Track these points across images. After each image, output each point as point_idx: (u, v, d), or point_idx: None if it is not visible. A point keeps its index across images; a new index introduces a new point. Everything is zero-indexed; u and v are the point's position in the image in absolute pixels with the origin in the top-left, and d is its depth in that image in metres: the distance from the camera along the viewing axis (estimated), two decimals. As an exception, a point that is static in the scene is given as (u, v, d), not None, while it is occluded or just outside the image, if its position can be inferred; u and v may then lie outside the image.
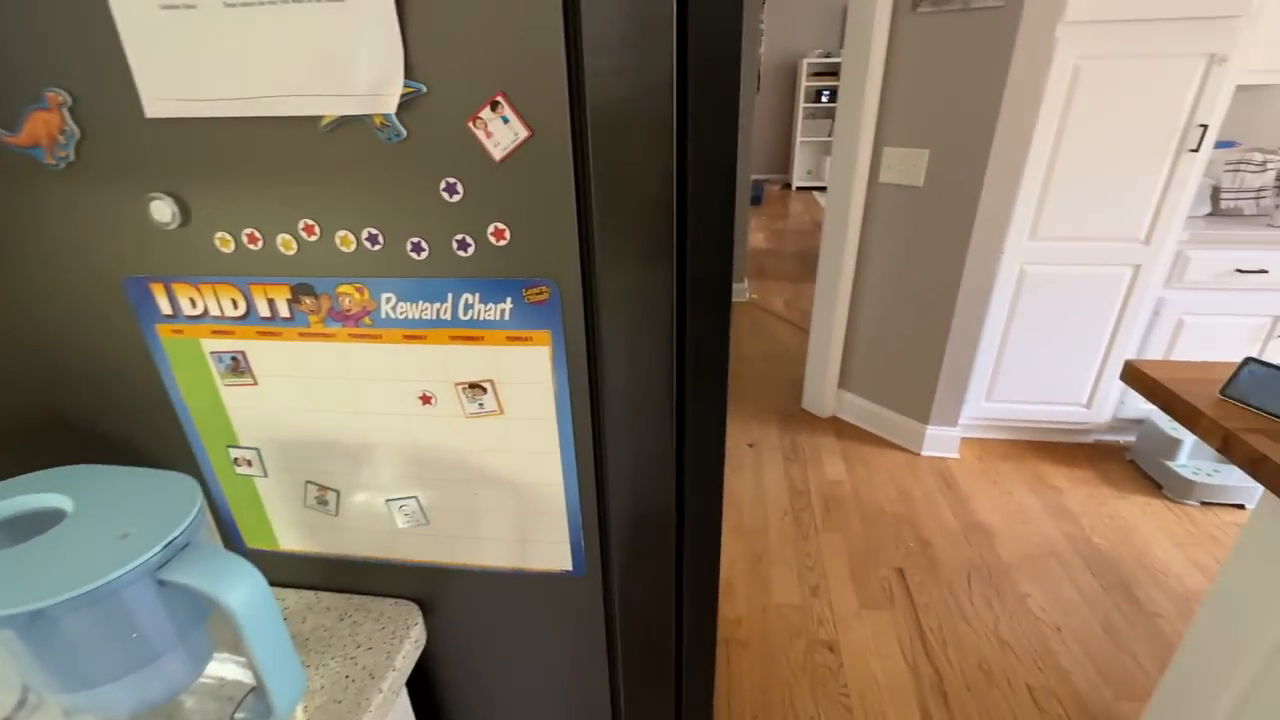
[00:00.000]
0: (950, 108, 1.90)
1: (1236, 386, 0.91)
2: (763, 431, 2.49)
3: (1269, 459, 0.79)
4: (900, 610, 1.65)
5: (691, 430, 0.50)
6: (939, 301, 2.10)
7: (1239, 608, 0.92)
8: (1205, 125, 1.78)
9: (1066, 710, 1.39)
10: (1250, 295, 2.00)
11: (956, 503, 2.05)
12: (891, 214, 2.15)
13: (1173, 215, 1.89)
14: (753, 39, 3.25)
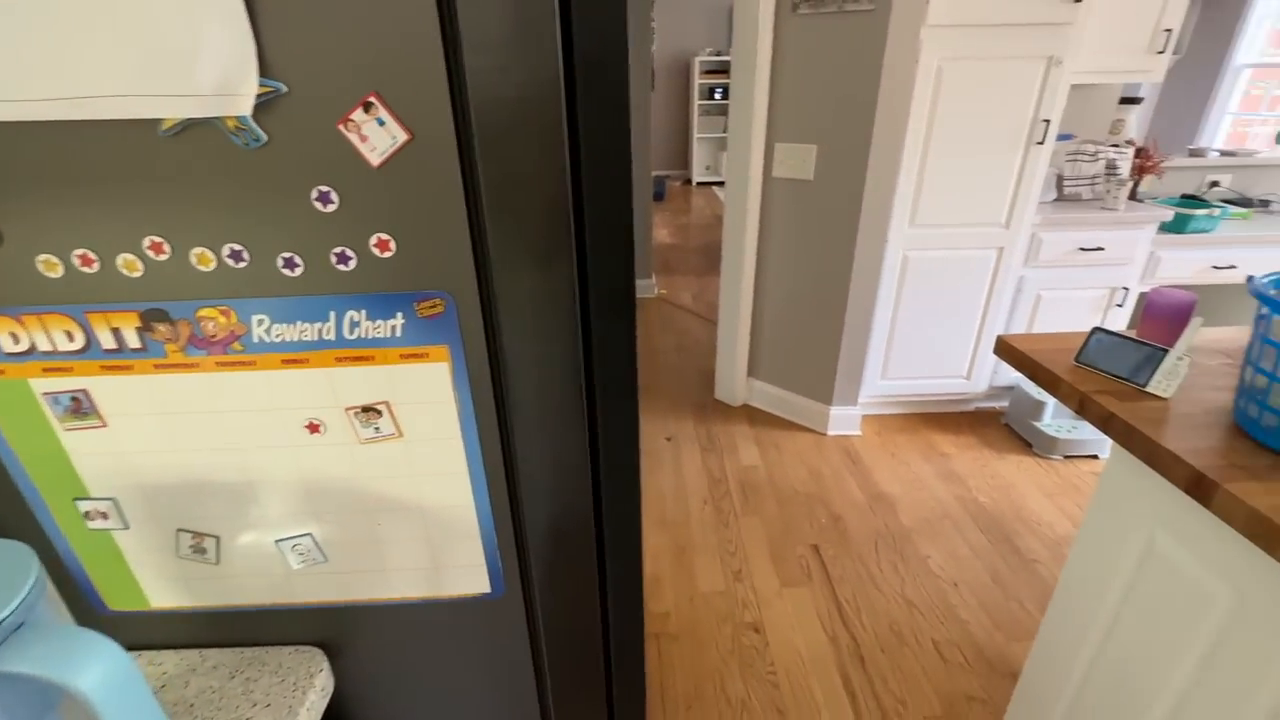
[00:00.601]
0: (833, 105, 2.01)
1: (1087, 353, 1.03)
2: (679, 424, 2.53)
3: (1116, 416, 0.89)
4: (818, 585, 1.73)
5: (605, 435, 0.49)
6: (834, 288, 2.22)
7: (1101, 546, 1.04)
8: (1048, 120, 1.99)
9: (967, 658, 1.51)
10: (1092, 270, 2.27)
11: (861, 477, 2.18)
12: (786, 207, 2.24)
13: (1026, 201, 2.10)
14: (644, 38, 3.28)
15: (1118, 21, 2.06)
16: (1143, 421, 0.87)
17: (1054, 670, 1.16)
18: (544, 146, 0.39)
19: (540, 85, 0.37)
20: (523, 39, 0.36)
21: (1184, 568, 0.88)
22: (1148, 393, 0.94)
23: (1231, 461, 0.78)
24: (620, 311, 0.45)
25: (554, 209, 0.41)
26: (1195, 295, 1.03)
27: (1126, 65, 2.15)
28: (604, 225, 0.43)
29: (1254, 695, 0.78)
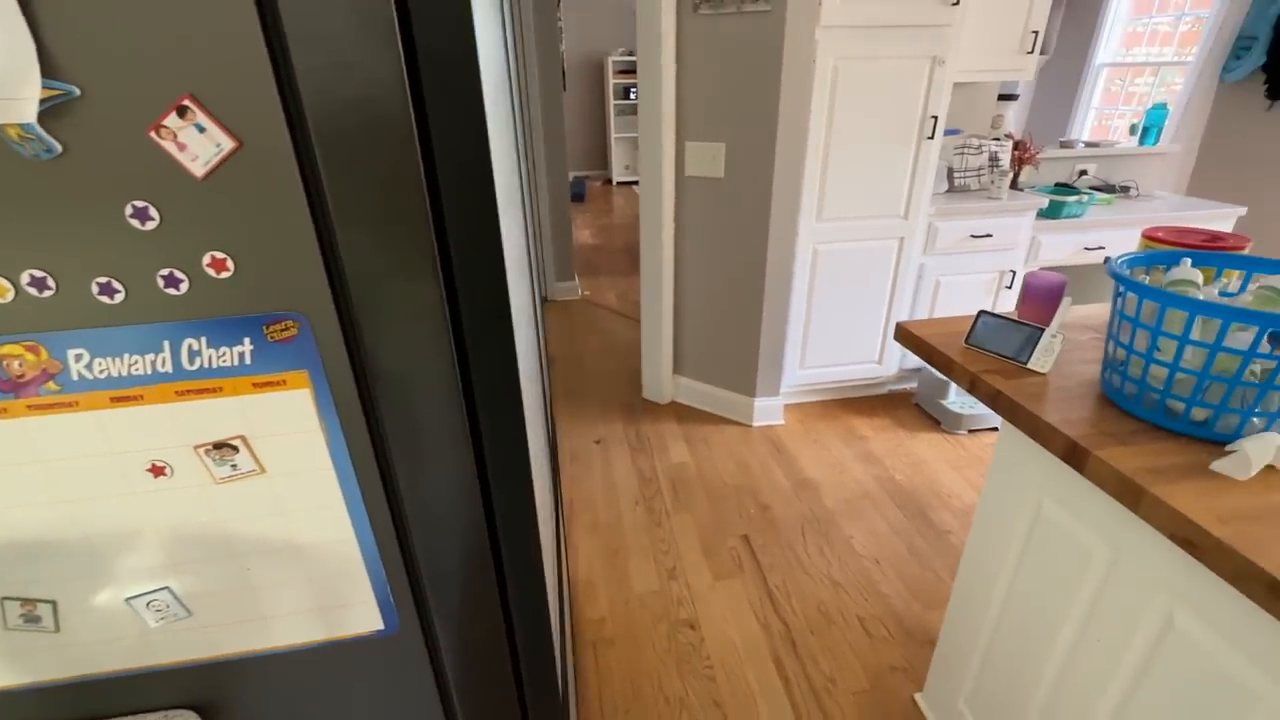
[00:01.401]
0: (738, 104, 2.05)
1: (975, 335, 1.09)
2: (608, 426, 2.51)
3: (1002, 393, 0.95)
4: (749, 575, 1.77)
5: (492, 453, 0.47)
6: (750, 283, 2.27)
7: (998, 514, 1.11)
8: (936, 116, 2.11)
9: (890, 631, 1.58)
10: (983, 255, 2.43)
11: (786, 465, 2.25)
12: (700, 204, 2.27)
13: (921, 193, 2.22)
14: (550, 37, 3.24)
15: (990, 24, 2.22)
16: (1025, 397, 0.93)
17: (965, 632, 1.22)
18: (392, 151, 0.36)
19: (381, 85, 0.35)
20: (357, 35, 0.33)
21: (1067, 529, 0.95)
22: (1029, 369, 1.01)
23: (1100, 429, 0.84)
24: (496, 321, 0.43)
25: (411, 217, 0.38)
26: (1065, 277, 1.12)
27: (1000, 64, 2.32)
28: (470, 231, 0.40)
29: (1130, 640, 0.85)
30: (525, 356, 0.63)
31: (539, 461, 0.77)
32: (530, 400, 0.73)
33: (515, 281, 0.60)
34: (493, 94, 0.48)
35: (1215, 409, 0.78)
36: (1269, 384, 0.74)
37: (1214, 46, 3.39)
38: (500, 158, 0.49)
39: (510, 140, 0.67)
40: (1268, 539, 0.64)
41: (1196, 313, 0.74)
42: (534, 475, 0.68)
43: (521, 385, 0.56)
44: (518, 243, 0.69)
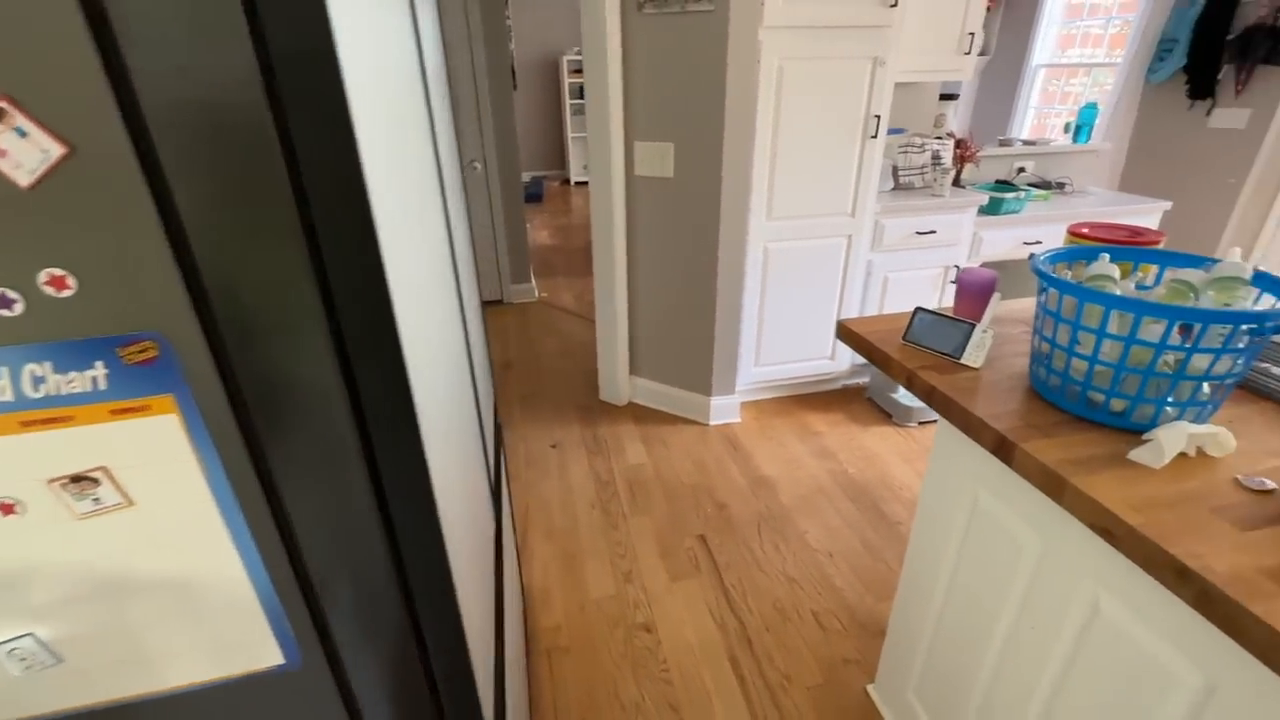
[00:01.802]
0: (685, 103, 2.04)
1: (913, 332, 1.10)
2: (565, 430, 2.48)
3: (936, 389, 0.96)
4: (705, 574, 1.76)
5: (389, 472, 0.44)
6: (703, 282, 2.27)
7: (938, 507, 1.12)
8: (879, 116, 2.15)
9: (843, 623, 1.60)
10: (928, 251, 2.49)
11: (743, 463, 2.26)
12: (651, 205, 2.26)
13: (867, 191, 2.26)
14: (498, 36, 3.18)
15: (929, 25, 2.27)
16: (958, 392, 0.95)
17: (911, 623, 1.24)
18: (249, 155, 0.33)
19: (230, 86, 0.32)
20: (194, 34, 0.31)
21: (1001, 520, 0.97)
22: (962, 364, 1.03)
23: (1028, 422, 0.86)
24: (380, 330, 0.40)
25: (276, 224, 0.35)
26: (996, 273, 1.14)
27: (939, 65, 2.37)
28: (344, 242, 0.38)
29: (1061, 627, 0.87)
30: (440, 366, 0.60)
31: (468, 475, 0.75)
32: (456, 410, 0.71)
33: (426, 287, 0.58)
34: (383, 94, 0.46)
35: (1132, 400, 0.81)
36: (1180, 374, 0.77)
37: (1139, 49, 3.55)
38: (392, 160, 0.47)
39: (422, 142, 0.65)
40: (1178, 526, 0.66)
41: (1111, 307, 0.77)
42: (460, 489, 0.66)
43: (434, 397, 0.53)
44: (435, 248, 0.66)
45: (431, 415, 0.51)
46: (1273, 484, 0.71)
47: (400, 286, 0.43)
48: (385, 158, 0.43)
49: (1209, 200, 3.44)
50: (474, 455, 0.82)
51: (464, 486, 0.67)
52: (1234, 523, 0.66)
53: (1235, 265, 0.82)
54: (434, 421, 0.52)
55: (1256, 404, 0.89)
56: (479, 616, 0.67)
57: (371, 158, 0.38)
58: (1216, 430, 0.76)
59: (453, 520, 0.56)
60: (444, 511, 0.52)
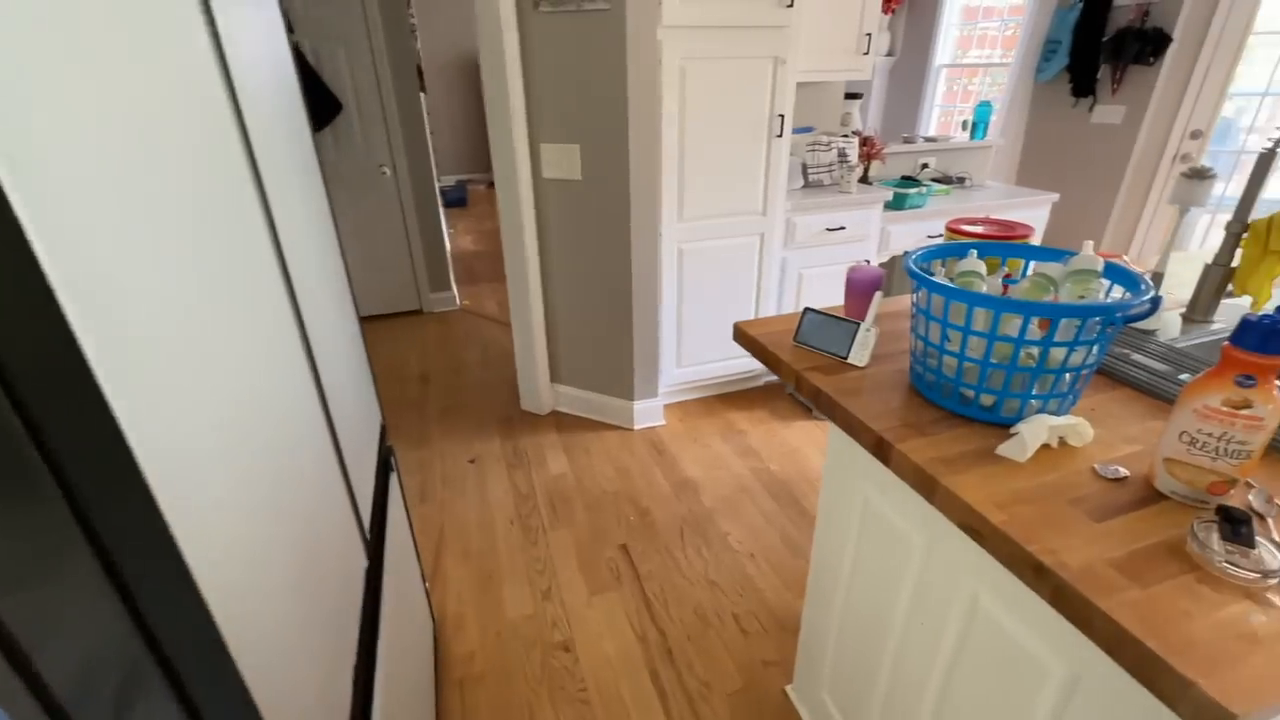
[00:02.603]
0: (589, 104, 2.00)
1: (802, 333, 1.10)
2: (484, 443, 2.39)
3: (821, 390, 0.96)
4: (627, 586, 1.73)
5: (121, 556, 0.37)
6: (618, 285, 2.23)
7: (836, 506, 1.12)
8: (782, 115, 2.17)
9: (763, 624, 1.60)
10: (840, 247, 2.54)
11: (666, 466, 2.23)
12: (560, 208, 2.21)
13: (776, 190, 2.28)
14: (401, 36, 3.04)
15: (827, 26, 2.31)
16: (842, 392, 0.94)
17: (819, 622, 1.24)
18: None
19: None
20: None
21: (889, 519, 0.98)
22: (849, 364, 1.03)
23: (905, 421, 0.86)
24: (56, 359, 0.33)
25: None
26: (882, 270, 1.15)
27: (839, 64, 2.42)
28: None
29: (947, 623, 0.88)
30: (240, 408, 0.53)
31: (307, 528, 0.67)
32: (279, 458, 0.63)
33: (182, 313, 0.50)
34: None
35: (999, 394, 0.81)
36: (1040, 368, 0.78)
37: (1027, 50, 3.77)
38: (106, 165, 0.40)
39: (219, 164, 0.57)
40: (1037, 521, 0.66)
41: (974, 304, 0.77)
42: (284, 549, 0.59)
43: (204, 446, 0.46)
44: (235, 272, 0.58)
45: (208, 473, 0.44)
46: (1125, 471, 0.73)
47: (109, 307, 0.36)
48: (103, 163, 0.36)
49: (1094, 191, 3.69)
50: (326, 501, 0.74)
51: (291, 545, 0.60)
52: (1090, 513, 0.67)
53: (1088, 258, 0.84)
54: (216, 478, 0.45)
55: (1116, 390, 0.92)
56: (315, 684, 0.60)
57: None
58: (1075, 421, 0.77)
59: (261, 590, 0.49)
60: (231, 585, 0.45)
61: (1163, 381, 0.90)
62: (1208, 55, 3.13)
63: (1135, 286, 0.79)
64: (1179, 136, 3.34)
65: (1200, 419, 0.65)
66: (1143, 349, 1.00)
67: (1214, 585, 0.58)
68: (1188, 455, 0.66)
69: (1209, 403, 0.64)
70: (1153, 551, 0.62)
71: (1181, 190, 1.02)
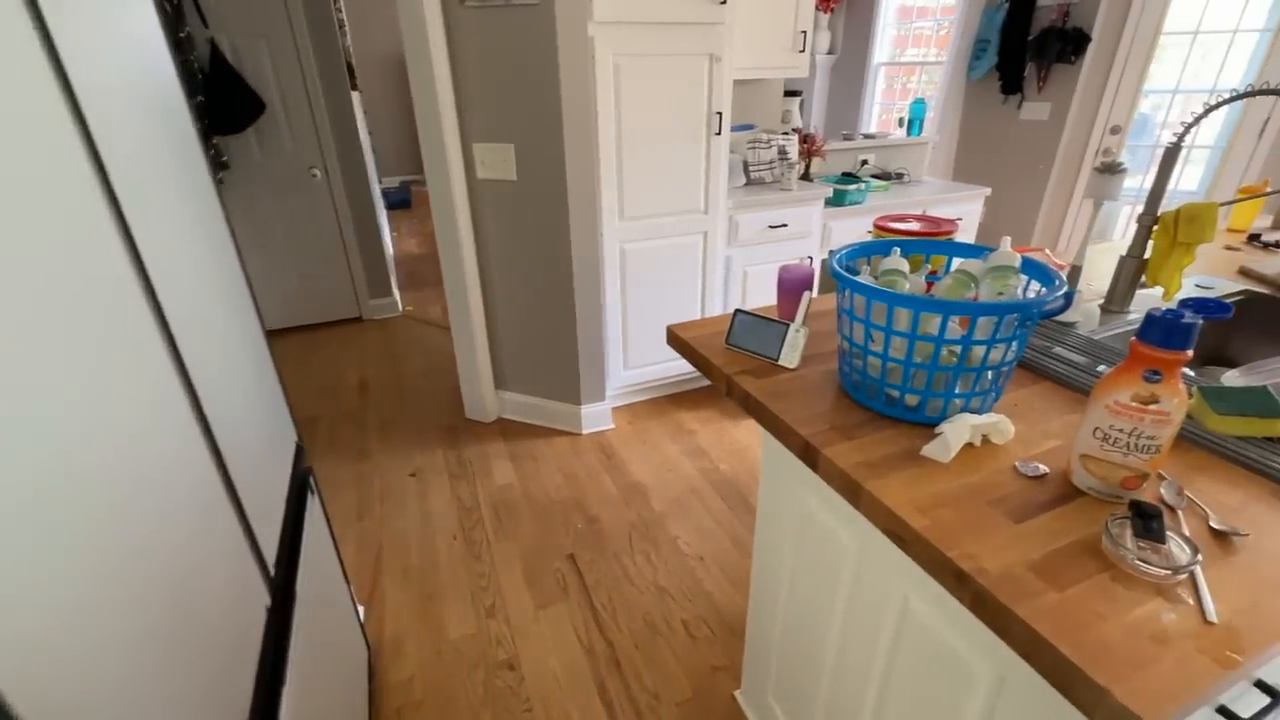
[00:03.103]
0: (521, 102, 1.94)
1: (734, 335, 1.07)
2: (427, 455, 2.30)
3: (750, 395, 0.93)
4: (574, 597, 1.68)
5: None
6: (559, 288, 2.18)
7: (774, 509, 1.10)
8: (720, 113, 2.16)
9: (712, 629, 1.58)
10: (783, 244, 2.55)
11: (615, 471, 2.20)
12: (497, 209, 2.14)
13: (717, 188, 2.27)
14: (329, 31, 2.91)
15: (762, 24, 2.31)
16: (771, 396, 0.92)
17: (763, 626, 1.22)
18: None
19: None
20: None
21: (824, 521, 0.96)
22: (780, 365, 1.01)
23: (833, 424, 0.84)
24: None
25: None
26: (812, 269, 1.14)
27: (776, 62, 2.43)
28: None
29: (881, 626, 0.87)
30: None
31: (191, 578, 0.61)
32: (152, 494, 0.57)
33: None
34: None
35: (923, 394, 0.80)
36: (960, 366, 0.77)
37: (959, 48, 3.88)
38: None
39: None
40: (958, 525, 0.65)
41: (894, 304, 0.76)
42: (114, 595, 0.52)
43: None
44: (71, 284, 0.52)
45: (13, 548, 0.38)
46: (1045, 468, 0.73)
47: None
48: None
49: (1025, 185, 3.83)
50: (207, 546, 0.68)
51: (145, 609, 0.53)
52: (1010, 514, 0.67)
53: (1006, 254, 0.84)
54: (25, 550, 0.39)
55: (1038, 385, 0.93)
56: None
57: None
58: (997, 419, 0.77)
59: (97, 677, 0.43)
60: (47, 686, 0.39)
61: (1083, 374, 0.91)
62: (1123, 54, 3.28)
63: (1049, 282, 0.79)
64: (1100, 132, 3.50)
65: (1112, 415, 0.64)
66: (1064, 342, 1.02)
67: (1127, 584, 0.57)
68: (1101, 451, 0.66)
69: (1119, 399, 0.64)
70: (1070, 551, 0.62)
71: (1095, 184, 1.04)
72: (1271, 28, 2.90)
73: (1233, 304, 1.29)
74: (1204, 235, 1.05)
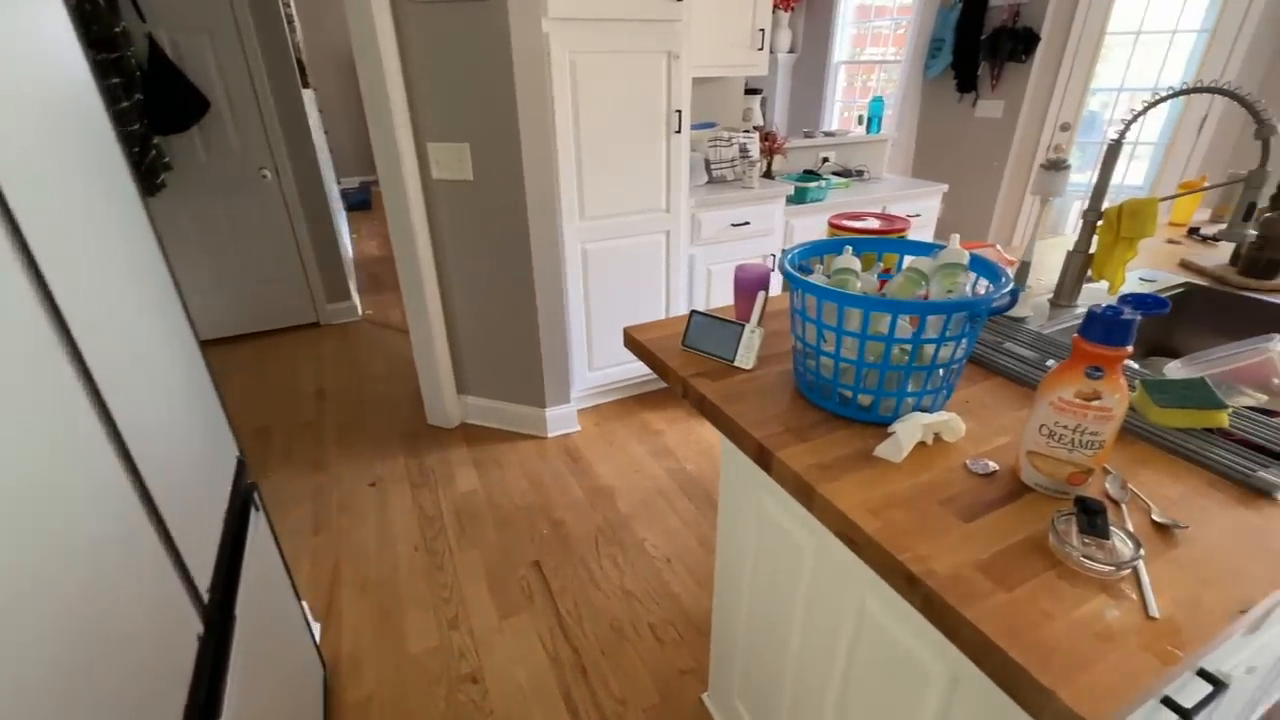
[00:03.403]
0: (476, 100, 1.89)
1: (690, 336, 1.06)
2: (387, 463, 2.24)
3: (706, 398, 0.92)
4: (539, 605, 1.65)
5: None
6: (520, 290, 2.14)
7: (734, 512, 1.09)
8: (680, 110, 2.14)
9: (680, 632, 1.57)
10: (746, 242, 2.55)
11: (581, 474, 2.17)
12: (454, 210, 2.09)
13: (679, 186, 2.26)
14: (276, 28, 2.80)
15: (719, 21, 2.30)
16: (726, 398, 0.90)
17: (728, 627, 1.21)
18: None
19: None
20: None
21: (782, 523, 0.95)
22: (736, 367, 1.00)
23: (788, 425, 0.83)
24: None
25: None
26: (769, 267, 1.13)
27: (735, 60, 2.43)
28: None
29: (840, 627, 0.86)
30: None
31: (101, 617, 0.56)
32: (49, 532, 0.52)
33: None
34: None
35: (875, 393, 0.80)
36: (911, 365, 0.77)
37: (916, 47, 3.94)
38: None
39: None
40: (910, 526, 0.64)
41: (844, 304, 0.75)
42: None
43: None
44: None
45: None
46: (995, 465, 0.73)
47: None
48: None
49: (981, 181, 3.92)
50: (122, 579, 0.63)
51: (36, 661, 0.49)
52: (960, 513, 0.66)
53: (955, 252, 0.84)
54: None
55: (989, 381, 0.93)
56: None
57: None
58: (948, 417, 0.77)
59: None
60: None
61: (1032, 370, 0.92)
62: (1071, 53, 3.38)
63: (996, 278, 0.79)
64: (1051, 130, 3.60)
65: (1056, 412, 0.65)
66: (1014, 337, 1.03)
67: (1073, 580, 0.57)
68: (1047, 448, 0.66)
69: (1063, 395, 0.64)
70: (1019, 550, 0.61)
71: (1041, 181, 1.05)
72: (1208, 28, 3.02)
73: (1171, 299, 1.33)
74: (1145, 230, 1.08)
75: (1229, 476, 0.70)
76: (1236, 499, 0.67)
